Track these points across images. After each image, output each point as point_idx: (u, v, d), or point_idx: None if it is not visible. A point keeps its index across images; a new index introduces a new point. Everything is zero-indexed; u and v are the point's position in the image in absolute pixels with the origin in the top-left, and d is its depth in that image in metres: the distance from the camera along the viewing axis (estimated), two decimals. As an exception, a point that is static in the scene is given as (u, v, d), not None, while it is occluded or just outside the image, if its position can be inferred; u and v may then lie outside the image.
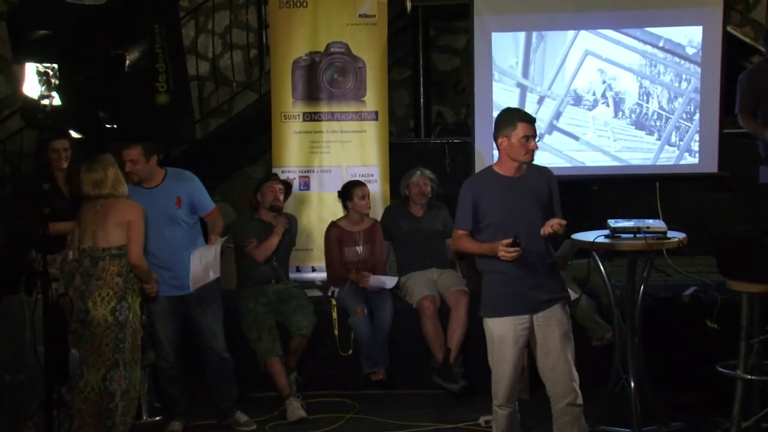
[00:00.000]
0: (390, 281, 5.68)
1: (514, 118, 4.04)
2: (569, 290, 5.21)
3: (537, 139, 4.03)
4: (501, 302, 4.05)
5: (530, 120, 4.05)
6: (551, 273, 4.08)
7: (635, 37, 6.55)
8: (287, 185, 5.88)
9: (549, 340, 4.02)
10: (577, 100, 6.62)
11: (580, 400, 4.06)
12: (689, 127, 6.56)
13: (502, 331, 4.03)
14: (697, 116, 6.52)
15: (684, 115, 6.56)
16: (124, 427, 4.44)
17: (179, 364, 4.96)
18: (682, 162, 6.59)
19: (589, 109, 6.62)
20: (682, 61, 6.52)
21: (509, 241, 3.85)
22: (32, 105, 3.94)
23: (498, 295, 4.06)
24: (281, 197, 5.69)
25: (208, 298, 4.97)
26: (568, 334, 4.05)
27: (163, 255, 4.80)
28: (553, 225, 3.91)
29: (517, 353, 4.04)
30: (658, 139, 6.61)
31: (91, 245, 4.43)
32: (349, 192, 5.80)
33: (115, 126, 4.91)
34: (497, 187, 4.06)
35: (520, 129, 3.98)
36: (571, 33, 6.60)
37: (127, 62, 4.83)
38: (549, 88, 6.65)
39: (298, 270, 6.43)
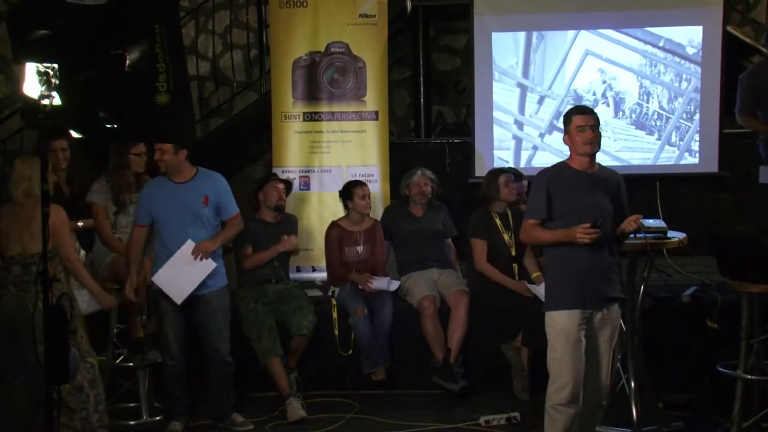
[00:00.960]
0: (393, 284, 5.67)
1: (570, 113, 4.13)
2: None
3: (600, 129, 4.09)
4: (570, 295, 3.98)
5: (584, 111, 4.10)
6: (615, 270, 4.07)
7: (635, 37, 6.56)
8: (288, 184, 5.88)
9: (600, 337, 4.03)
10: (578, 100, 6.62)
11: (606, 402, 4.12)
12: (689, 127, 6.56)
13: (568, 325, 3.95)
14: (697, 116, 6.53)
15: (684, 115, 6.56)
16: (99, 415, 4.43)
17: (184, 363, 4.96)
18: (682, 162, 6.60)
19: (590, 109, 6.62)
20: (682, 61, 6.53)
21: (588, 225, 3.85)
22: (32, 105, 3.93)
23: (568, 288, 3.99)
24: (284, 196, 5.71)
25: (218, 301, 4.98)
26: (617, 334, 4.09)
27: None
28: (634, 221, 3.98)
29: (579, 349, 3.96)
30: (658, 139, 6.61)
31: (20, 252, 4.37)
32: (350, 192, 5.80)
33: (115, 126, 4.90)
34: (571, 178, 4.07)
35: (575, 121, 4.04)
36: (571, 33, 6.61)
37: (127, 62, 4.81)
38: (549, 88, 6.66)
39: (298, 270, 6.43)
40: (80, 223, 5.25)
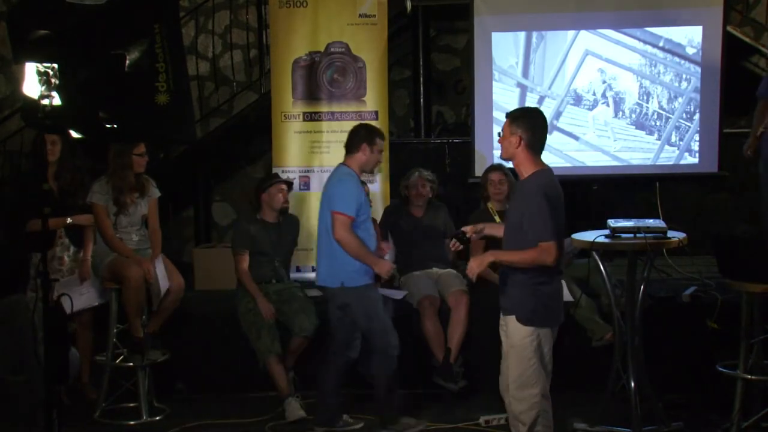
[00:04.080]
0: (398, 294, 5.66)
1: None
2: (568, 291, 5.24)
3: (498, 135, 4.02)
4: None
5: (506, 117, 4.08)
6: (511, 284, 4.01)
7: (635, 37, 6.56)
8: (290, 185, 5.88)
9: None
10: (577, 100, 6.62)
11: (518, 419, 3.99)
12: (689, 126, 6.56)
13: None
14: (697, 116, 6.52)
15: (684, 115, 6.56)
16: None
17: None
18: (682, 162, 6.60)
19: (589, 109, 6.63)
20: (682, 61, 6.53)
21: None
22: (32, 105, 3.94)
23: None
24: (288, 198, 5.71)
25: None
26: (511, 348, 4.00)
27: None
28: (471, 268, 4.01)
29: (504, 348, 4.11)
30: (658, 139, 6.61)
31: None
32: None
33: (115, 126, 4.90)
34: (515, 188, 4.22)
35: None
36: (571, 33, 6.60)
37: (127, 62, 4.81)
38: (549, 88, 6.65)
39: (298, 270, 6.43)
40: (69, 219, 5.26)
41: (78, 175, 5.34)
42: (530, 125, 3.90)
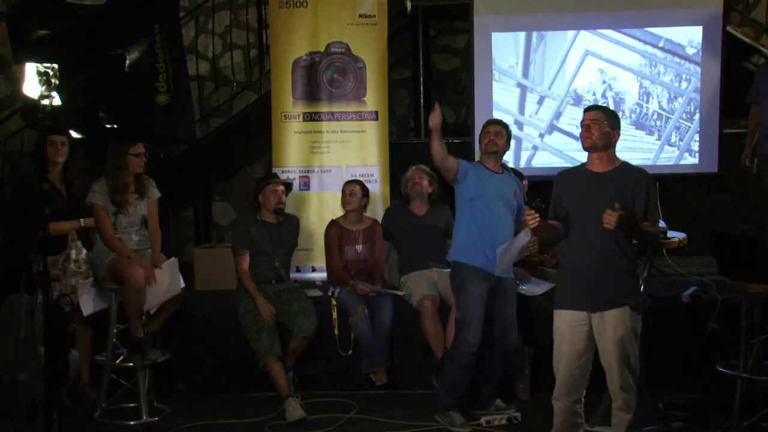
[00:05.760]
0: (398, 293, 5.66)
1: None
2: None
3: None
4: (563, 295, 4.08)
5: (586, 109, 4.11)
6: (620, 275, 3.96)
7: (635, 37, 6.56)
8: (288, 185, 5.87)
9: (602, 341, 3.98)
10: (577, 100, 6.62)
11: (629, 407, 4.01)
12: (689, 127, 6.56)
13: (560, 324, 4.05)
14: (697, 116, 6.53)
15: (684, 115, 6.57)
16: None
17: (478, 353, 4.88)
18: (682, 162, 6.60)
19: (589, 109, 6.63)
20: (682, 61, 6.53)
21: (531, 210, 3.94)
22: (32, 105, 3.94)
23: (561, 288, 4.11)
24: (284, 198, 5.70)
25: (513, 290, 5.01)
26: (623, 341, 3.94)
27: (489, 234, 4.81)
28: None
29: (572, 350, 4.01)
30: (658, 139, 6.61)
31: None
32: (342, 190, 5.84)
33: (115, 126, 4.90)
34: (580, 180, 4.08)
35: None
36: (571, 33, 6.61)
37: (127, 62, 4.81)
38: (549, 88, 6.66)
39: (298, 270, 6.43)
40: (82, 222, 5.27)
41: (85, 178, 5.34)
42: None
